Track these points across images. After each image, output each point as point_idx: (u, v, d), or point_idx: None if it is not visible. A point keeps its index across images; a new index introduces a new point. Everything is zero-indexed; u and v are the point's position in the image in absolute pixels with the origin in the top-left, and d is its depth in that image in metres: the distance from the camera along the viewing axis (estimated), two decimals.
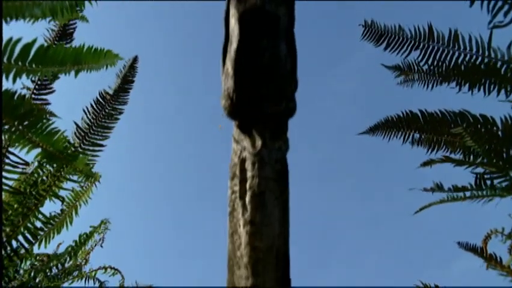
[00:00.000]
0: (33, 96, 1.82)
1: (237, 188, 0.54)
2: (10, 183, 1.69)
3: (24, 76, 1.29)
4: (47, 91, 1.85)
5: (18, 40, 1.20)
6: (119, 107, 1.89)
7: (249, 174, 0.53)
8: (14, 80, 1.27)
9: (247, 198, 0.52)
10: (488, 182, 1.85)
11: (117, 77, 1.93)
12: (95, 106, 1.85)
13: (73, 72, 1.39)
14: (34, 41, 1.22)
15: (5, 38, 1.19)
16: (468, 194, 1.86)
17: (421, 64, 1.99)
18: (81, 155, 1.74)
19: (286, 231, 0.54)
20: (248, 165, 0.53)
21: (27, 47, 1.21)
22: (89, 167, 1.77)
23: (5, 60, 1.23)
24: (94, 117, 1.84)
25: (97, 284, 1.98)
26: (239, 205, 0.53)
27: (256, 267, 0.51)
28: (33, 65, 1.26)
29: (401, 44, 2.01)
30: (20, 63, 1.24)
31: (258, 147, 0.53)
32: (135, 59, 1.94)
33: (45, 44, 1.27)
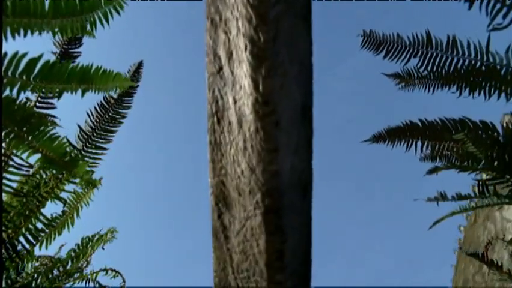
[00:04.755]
0: (39, 99, 1.86)
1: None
2: (12, 184, 1.72)
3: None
4: (52, 95, 1.89)
5: (24, 55, 1.22)
6: (123, 111, 1.93)
7: None
8: (18, 94, 1.30)
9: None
10: (491, 188, 1.83)
11: None
12: (99, 110, 1.89)
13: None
14: (40, 56, 1.25)
15: (12, 50, 1.22)
16: (474, 201, 1.85)
17: (421, 70, 1.99)
18: (81, 161, 1.75)
19: None
20: None
21: (33, 62, 1.24)
22: (90, 173, 1.78)
23: (9, 73, 1.26)
24: (98, 120, 1.88)
25: (97, 287, 1.98)
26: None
27: None
28: (38, 80, 1.29)
29: (400, 51, 2.02)
30: (24, 77, 1.27)
31: None
32: (140, 64, 1.98)
33: (51, 60, 1.29)
